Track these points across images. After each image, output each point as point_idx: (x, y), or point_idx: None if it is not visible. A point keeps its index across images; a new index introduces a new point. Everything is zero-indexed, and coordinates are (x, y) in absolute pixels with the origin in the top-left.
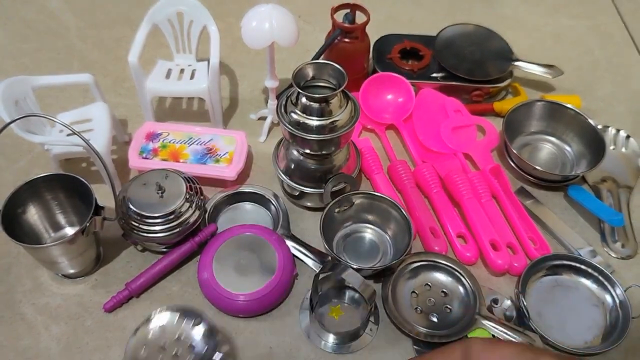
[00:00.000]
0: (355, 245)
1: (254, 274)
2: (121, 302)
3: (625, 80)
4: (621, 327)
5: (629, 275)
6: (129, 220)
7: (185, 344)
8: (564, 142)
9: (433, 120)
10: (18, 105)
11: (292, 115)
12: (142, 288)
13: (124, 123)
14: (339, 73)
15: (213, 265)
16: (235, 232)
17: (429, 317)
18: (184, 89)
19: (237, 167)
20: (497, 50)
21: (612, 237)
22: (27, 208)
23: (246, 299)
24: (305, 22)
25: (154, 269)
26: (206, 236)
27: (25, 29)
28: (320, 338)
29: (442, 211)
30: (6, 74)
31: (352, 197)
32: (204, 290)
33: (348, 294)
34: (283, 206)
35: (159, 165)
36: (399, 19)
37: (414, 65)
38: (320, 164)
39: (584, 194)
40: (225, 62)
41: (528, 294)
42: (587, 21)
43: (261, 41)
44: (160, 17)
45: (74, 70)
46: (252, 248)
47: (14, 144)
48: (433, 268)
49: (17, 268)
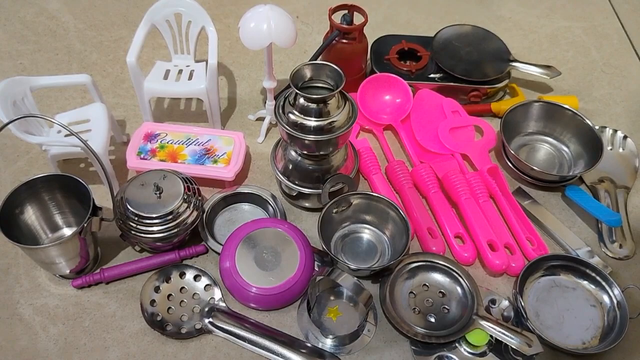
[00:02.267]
0: (353, 245)
1: (274, 269)
2: (89, 282)
3: (622, 81)
4: (619, 327)
5: (627, 275)
6: (127, 221)
7: (190, 294)
8: (562, 142)
9: (431, 121)
10: (16, 105)
11: (290, 116)
12: (114, 277)
13: (122, 124)
14: (337, 74)
15: (236, 254)
16: (262, 224)
17: (426, 317)
18: (182, 89)
19: (235, 167)
20: (494, 51)
21: (610, 237)
22: (25, 209)
23: (258, 293)
24: (303, 23)
25: (132, 265)
26: (192, 254)
27: (24, 29)
28: (318, 339)
29: (439, 211)
30: (4, 74)
31: (350, 198)
32: (223, 275)
33: (346, 294)
34: (281, 207)
35: (157, 165)
36: (396, 20)
37: (412, 66)
38: (318, 164)
39: (581, 195)
40: (223, 63)
41: (526, 294)
42: (584, 22)
43: (259, 42)
44: (158, 18)
45: (73, 71)
46: (276, 244)
47: (11, 145)
48: (431, 268)
49: (15, 269)
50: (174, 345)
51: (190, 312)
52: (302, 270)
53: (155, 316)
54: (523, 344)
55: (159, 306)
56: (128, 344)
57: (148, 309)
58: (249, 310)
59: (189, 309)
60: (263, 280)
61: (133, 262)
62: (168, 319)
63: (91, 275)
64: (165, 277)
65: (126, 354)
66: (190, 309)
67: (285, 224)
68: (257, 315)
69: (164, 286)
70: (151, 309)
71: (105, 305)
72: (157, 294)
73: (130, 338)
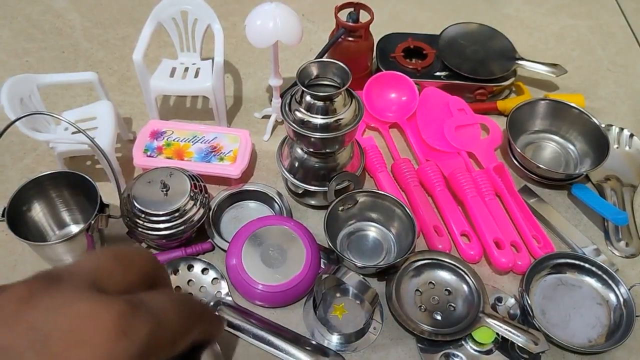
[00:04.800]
0: (359, 243)
1: (280, 267)
2: None
3: (628, 79)
4: (625, 325)
5: (633, 273)
6: (134, 218)
7: (197, 287)
8: (568, 140)
9: (437, 119)
10: (23, 103)
11: (296, 113)
12: None
13: (128, 121)
14: (343, 71)
15: (243, 251)
16: (268, 222)
17: (432, 315)
18: (188, 87)
19: (241, 165)
20: (500, 49)
21: (616, 235)
22: (32, 206)
23: (265, 290)
24: (309, 21)
25: None
26: (199, 251)
27: (30, 27)
28: (324, 337)
29: (445, 209)
30: (11, 72)
31: (356, 196)
32: (229, 272)
33: (352, 292)
34: (287, 204)
35: (164, 163)
36: (402, 18)
37: (418, 64)
38: (324, 162)
39: (587, 193)
40: (229, 61)
41: (532, 292)
42: (590, 20)
43: (265, 40)
44: (164, 16)
45: (79, 69)
46: (282, 241)
47: (19, 142)
48: (437, 266)
49: (22, 266)
50: None
51: None
52: (308, 268)
53: None
54: (529, 342)
55: None
56: None
57: None
58: (255, 306)
59: None
60: (269, 278)
61: None
62: None
63: None
64: (173, 269)
65: None
66: None
67: (291, 221)
68: (263, 312)
69: (172, 278)
70: None
71: None
72: None
73: None
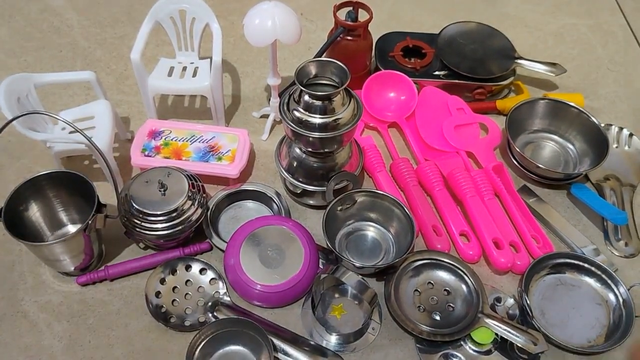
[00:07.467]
0: (357, 243)
1: (278, 267)
2: (93, 280)
3: (628, 79)
4: (624, 325)
5: (632, 273)
6: (131, 218)
7: (195, 287)
8: (567, 140)
9: (436, 118)
10: (20, 102)
11: (295, 113)
12: (118, 275)
13: (126, 121)
14: (342, 71)
15: (241, 251)
16: (266, 222)
17: (431, 315)
18: (186, 86)
19: (240, 165)
20: (499, 48)
21: (616, 235)
22: (29, 205)
23: (263, 290)
24: (307, 20)
25: (136, 263)
26: (197, 251)
27: (28, 26)
28: (322, 337)
29: (444, 209)
30: (9, 71)
31: (355, 195)
32: (228, 273)
33: (350, 292)
34: (285, 204)
35: (162, 163)
36: (401, 17)
37: (417, 63)
38: (323, 161)
39: (587, 193)
40: (227, 60)
41: (531, 292)
42: (590, 19)
43: (264, 39)
44: (162, 15)
45: (77, 68)
46: (281, 241)
47: (16, 142)
48: (436, 266)
49: (19, 266)
50: (178, 343)
51: (195, 305)
52: (306, 268)
53: (160, 308)
54: (528, 342)
55: (163, 298)
56: (132, 341)
57: (153, 301)
58: (253, 306)
59: (194, 302)
60: (267, 278)
61: (137, 260)
62: (172, 311)
63: (95, 272)
64: (171, 270)
65: (130, 351)
66: (195, 302)
67: (289, 221)
68: (262, 312)
69: (170, 278)
70: (156, 300)
71: (110, 303)
72: (162, 285)
73: (134, 335)
